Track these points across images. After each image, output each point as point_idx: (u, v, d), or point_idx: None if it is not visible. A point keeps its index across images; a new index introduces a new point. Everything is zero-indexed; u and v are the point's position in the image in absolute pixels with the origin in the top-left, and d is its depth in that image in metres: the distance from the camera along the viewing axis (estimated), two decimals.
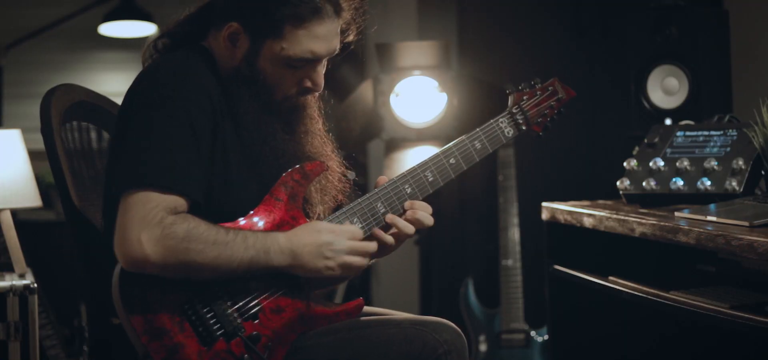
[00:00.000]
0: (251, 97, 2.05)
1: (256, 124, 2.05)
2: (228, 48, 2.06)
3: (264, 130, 2.06)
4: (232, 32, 2.04)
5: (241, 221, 2.01)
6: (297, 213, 2.06)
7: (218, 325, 1.96)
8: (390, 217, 2.12)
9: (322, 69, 2.10)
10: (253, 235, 1.95)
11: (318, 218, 2.13)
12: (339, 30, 2.08)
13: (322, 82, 2.10)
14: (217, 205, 2.00)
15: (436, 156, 2.18)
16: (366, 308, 2.15)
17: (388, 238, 2.12)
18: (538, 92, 2.29)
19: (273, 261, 1.95)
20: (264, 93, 2.06)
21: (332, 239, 1.99)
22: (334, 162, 2.18)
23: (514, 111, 2.26)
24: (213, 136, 1.99)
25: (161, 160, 1.91)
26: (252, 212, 2.03)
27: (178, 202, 1.91)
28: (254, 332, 1.97)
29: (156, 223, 1.86)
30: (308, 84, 2.09)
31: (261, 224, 2.02)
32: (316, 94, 2.14)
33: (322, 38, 2.04)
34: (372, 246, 2.04)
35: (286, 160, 2.07)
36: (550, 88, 2.30)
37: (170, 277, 1.91)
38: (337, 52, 2.10)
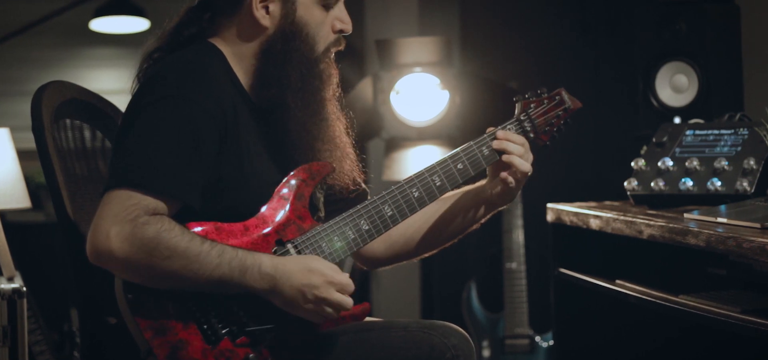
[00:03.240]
0: (297, 55, 2.09)
1: (299, 83, 2.08)
2: (260, 19, 2.09)
3: (306, 89, 2.09)
4: None
5: (259, 212, 2.03)
6: (304, 212, 2.07)
7: (223, 323, 1.97)
8: (502, 134, 2.21)
9: (344, 7, 2.17)
10: (234, 252, 1.93)
11: (319, 219, 2.14)
12: None
13: (349, 20, 2.17)
14: (232, 205, 2.02)
15: (444, 160, 2.19)
16: (368, 318, 2.16)
17: (510, 179, 2.19)
18: (545, 101, 2.29)
19: (248, 282, 1.94)
20: (306, 47, 2.11)
21: (320, 285, 1.97)
22: (349, 147, 2.20)
23: (523, 118, 2.27)
24: (221, 137, 2.00)
25: (149, 160, 1.92)
26: (260, 212, 2.04)
27: (159, 205, 1.91)
28: (260, 332, 1.98)
29: (129, 221, 1.87)
30: (339, 25, 2.15)
31: (267, 225, 2.03)
32: (343, 46, 2.18)
33: None
34: (349, 302, 2.01)
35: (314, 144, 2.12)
36: (556, 97, 2.30)
37: (134, 279, 1.91)
38: None
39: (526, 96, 2.29)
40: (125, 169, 1.93)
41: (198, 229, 1.97)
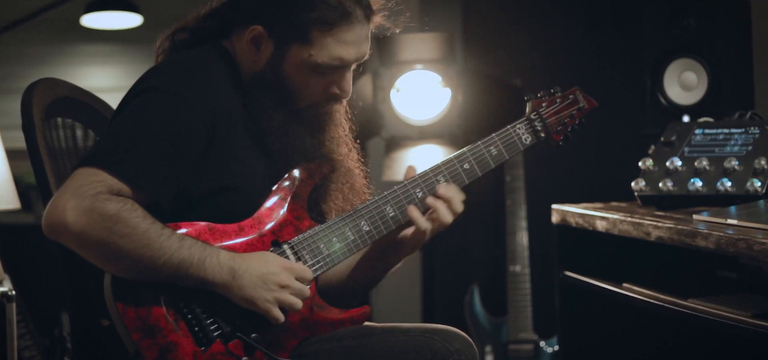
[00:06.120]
0: (275, 104, 2.08)
1: (281, 131, 2.08)
2: (251, 51, 2.09)
3: (289, 135, 2.08)
4: (256, 36, 2.07)
5: (256, 213, 2.04)
6: (301, 213, 2.08)
7: (215, 325, 1.97)
8: (430, 200, 2.12)
9: (350, 75, 2.12)
10: (194, 241, 1.94)
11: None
12: (369, 34, 2.11)
13: (350, 88, 2.12)
14: (226, 208, 2.03)
15: (450, 160, 2.19)
16: (369, 323, 2.16)
17: (424, 223, 2.12)
18: (558, 100, 2.29)
19: (207, 273, 1.94)
20: (289, 99, 2.09)
21: (279, 272, 1.98)
22: (356, 168, 2.19)
23: (533, 117, 2.26)
24: (208, 140, 2.01)
25: (124, 145, 1.94)
26: (256, 212, 2.05)
27: (124, 188, 1.92)
28: (254, 335, 1.98)
29: (89, 195, 1.88)
30: (335, 90, 2.12)
31: (266, 225, 2.04)
32: (344, 101, 2.15)
33: (351, 44, 2.06)
34: (307, 291, 2.02)
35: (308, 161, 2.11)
36: (570, 97, 2.31)
37: (88, 255, 1.91)
38: (366, 57, 2.11)
39: (539, 95, 2.29)
40: (98, 150, 1.96)
41: (190, 228, 1.98)
